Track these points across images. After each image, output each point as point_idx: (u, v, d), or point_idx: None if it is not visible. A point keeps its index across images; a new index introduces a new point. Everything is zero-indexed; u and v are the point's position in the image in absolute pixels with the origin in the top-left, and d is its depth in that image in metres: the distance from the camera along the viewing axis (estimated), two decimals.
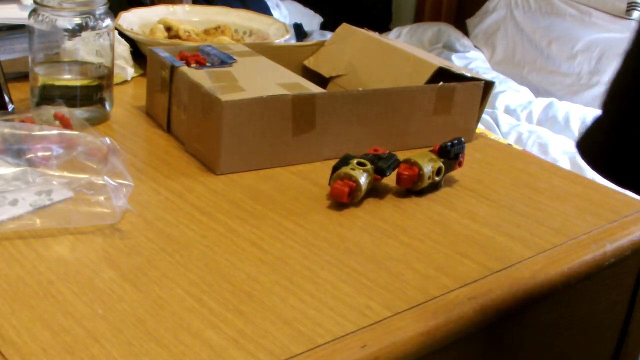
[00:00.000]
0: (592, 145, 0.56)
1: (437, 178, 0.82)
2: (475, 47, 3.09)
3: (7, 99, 0.90)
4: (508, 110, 2.48)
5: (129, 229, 0.69)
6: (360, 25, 1.11)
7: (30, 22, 0.87)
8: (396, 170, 0.81)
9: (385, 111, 0.90)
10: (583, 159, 0.56)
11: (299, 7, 3.18)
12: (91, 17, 0.88)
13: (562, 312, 0.76)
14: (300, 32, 2.98)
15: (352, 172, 0.77)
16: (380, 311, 0.60)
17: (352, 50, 1.05)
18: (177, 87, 0.89)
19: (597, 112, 0.56)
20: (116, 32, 1.05)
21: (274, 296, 0.61)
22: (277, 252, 0.68)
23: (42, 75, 0.91)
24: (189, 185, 0.79)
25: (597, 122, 0.56)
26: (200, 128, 0.84)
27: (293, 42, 1.52)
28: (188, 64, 0.90)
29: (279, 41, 1.15)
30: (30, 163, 0.74)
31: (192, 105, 0.85)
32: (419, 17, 3.47)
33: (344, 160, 0.79)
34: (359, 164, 0.78)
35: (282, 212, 0.75)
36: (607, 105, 0.55)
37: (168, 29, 1.17)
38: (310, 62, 1.09)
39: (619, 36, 2.67)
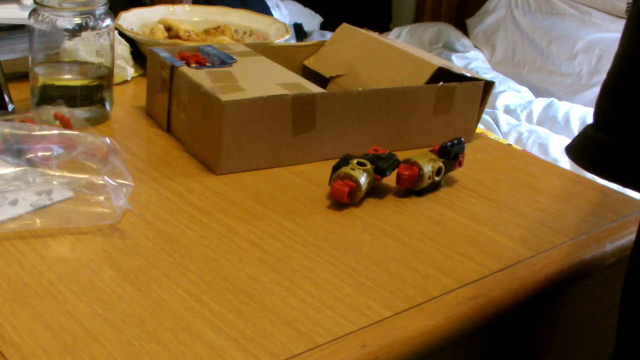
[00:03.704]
0: (586, 145, 0.56)
1: (437, 178, 0.82)
2: (475, 47, 3.09)
3: (7, 99, 0.90)
4: (508, 110, 2.48)
5: (129, 229, 0.69)
6: (360, 25, 1.11)
7: (30, 22, 0.87)
8: (396, 170, 0.81)
9: (385, 111, 0.90)
10: (575, 160, 0.56)
11: (299, 7, 3.19)
12: (91, 17, 0.88)
13: (562, 312, 0.75)
14: (300, 32, 2.99)
15: (352, 172, 0.77)
16: (380, 311, 0.60)
17: (352, 50, 1.05)
18: (177, 87, 0.89)
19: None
20: (116, 32, 1.05)
21: (274, 296, 0.61)
22: (277, 252, 0.68)
23: (42, 75, 0.91)
24: (189, 185, 0.79)
25: (590, 125, 0.56)
26: (200, 128, 0.84)
27: (293, 42, 1.52)
28: (188, 64, 0.90)
29: (279, 41, 1.15)
30: (30, 163, 0.74)
31: (192, 105, 0.85)
32: (419, 17, 3.47)
33: (344, 160, 0.79)
34: (359, 164, 0.78)
35: (282, 212, 0.75)
36: (599, 103, 0.55)
37: (168, 29, 1.18)
38: (310, 62, 1.09)
39: (619, 36, 2.66)
